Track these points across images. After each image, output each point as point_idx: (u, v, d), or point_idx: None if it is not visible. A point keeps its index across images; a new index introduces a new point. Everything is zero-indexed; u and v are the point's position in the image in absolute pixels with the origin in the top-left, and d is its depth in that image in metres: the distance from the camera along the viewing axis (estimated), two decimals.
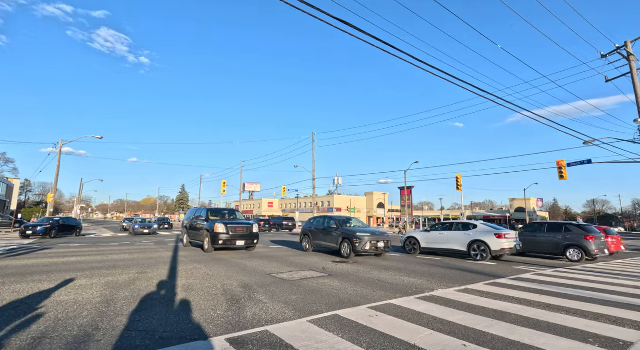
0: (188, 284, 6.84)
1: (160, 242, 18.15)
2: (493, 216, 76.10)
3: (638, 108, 16.49)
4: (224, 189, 43.45)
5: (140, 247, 15.32)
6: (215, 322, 4.39)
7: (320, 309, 5.14)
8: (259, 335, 3.91)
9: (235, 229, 12.67)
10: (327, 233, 13.13)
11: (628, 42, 16.69)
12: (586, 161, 20.35)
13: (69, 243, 17.30)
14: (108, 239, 20.72)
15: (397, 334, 4.03)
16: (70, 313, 4.69)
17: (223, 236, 12.36)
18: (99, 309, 4.90)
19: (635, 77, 16.63)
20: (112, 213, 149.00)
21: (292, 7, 6.14)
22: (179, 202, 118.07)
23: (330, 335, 3.93)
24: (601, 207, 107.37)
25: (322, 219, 14.24)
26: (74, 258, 10.89)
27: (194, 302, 5.38)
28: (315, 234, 13.89)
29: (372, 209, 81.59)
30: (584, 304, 5.75)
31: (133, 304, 5.25)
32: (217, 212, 14.59)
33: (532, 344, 3.77)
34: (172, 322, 4.37)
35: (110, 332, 3.95)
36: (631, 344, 3.84)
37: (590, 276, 8.97)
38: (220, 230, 12.42)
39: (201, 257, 11.66)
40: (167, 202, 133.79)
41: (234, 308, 5.08)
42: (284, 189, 44.51)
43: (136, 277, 7.61)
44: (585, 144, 17.95)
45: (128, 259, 10.87)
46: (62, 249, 13.86)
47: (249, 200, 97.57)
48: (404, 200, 50.57)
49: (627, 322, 4.68)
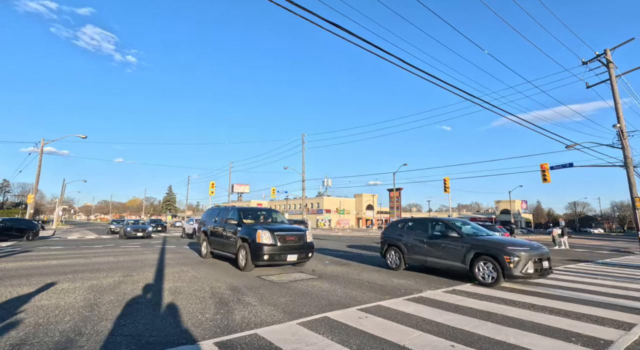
0: (175, 287, 6.72)
1: (146, 244, 17.78)
2: (479, 218, 77.53)
3: (617, 113, 17.12)
4: (212, 190, 42.93)
5: (126, 249, 14.97)
6: (204, 325, 4.32)
7: (310, 311, 5.13)
8: (248, 338, 3.87)
9: (285, 238, 9.04)
10: (438, 245, 8.71)
11: (607, 50, 17.32)
12: (568, 164, 20.98)
13: (50, 245, 16.77)
14: (91, 241, 20.17)
15: (387, 335, 4.05)
16: (51, 318, 4.54)
17: (269, 248, 8.69)
18: (82, 314, 4.76)
19: (614, 84, 17.26)
20: (96, 214, 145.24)
21: (282, 8, 6.14)
22: (165, 203, 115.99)
23: (320, 338, 3.92)
24: (582, 209, 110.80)
25: (423, 224, 9.60)
26: (56, 261, 10.56)
27: (181, 306, 5.28)
28: (413, 246, 9.37)
29: (361, 211, 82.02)
30: (566, 303, 5.91)
31: (118, 308, 5.13)
32: (252, 212, 11.09)
33: (518, 343, 3.85)
34: (158, 326, 4.28)
35: (94, 337, 3.84)
36: (611, 342, 3.96)
37: (571, 276, 9.22)
38: (265, 239, 8.75)
39: (189, 259, 11.47)
40: (153, 203, 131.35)
41: (222, 311, 5.02)
42: (273, 191, 44.28)
43: (121, 280, 7.43)
44: (567, 148, 18.51)
45: (113, 261, 10.61)
46: (43, 252, 13.42)
47: (237, 201, 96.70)
48: (393, 202, 51.04)
49: (607, 321, 4.84)
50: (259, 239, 8.76)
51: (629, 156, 16.80)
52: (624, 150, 16.86)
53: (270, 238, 8.83)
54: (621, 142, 17.09)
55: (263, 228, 9.04)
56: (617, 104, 17.11)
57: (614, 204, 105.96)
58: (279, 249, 8.85)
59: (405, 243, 9.66)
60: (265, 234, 8.82)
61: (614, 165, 18.00)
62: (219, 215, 11.39)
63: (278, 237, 8.93)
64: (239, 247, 9.38)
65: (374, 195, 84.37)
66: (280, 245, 8.87)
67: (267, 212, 11.47)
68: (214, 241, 11.18)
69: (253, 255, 8.75)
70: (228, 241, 10.14)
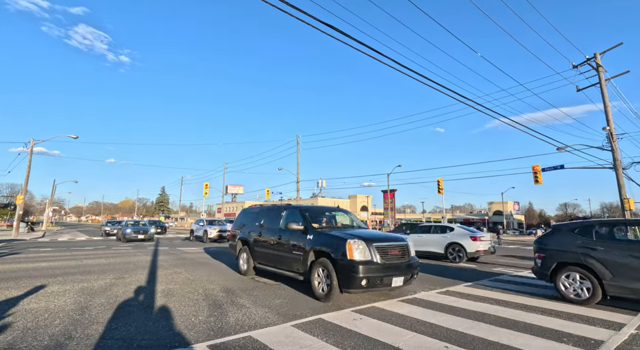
0: (168, 289, 6.65)
1: (138, 246, 17.57)
2: (472, 219, 78.25)
3: (606, 116, 17.44)
4: (206, 191, 42.63)
5: (118, 251, 14.77)
6: (197, 328, 4.28)
7: (304, 313, 5.11)
8: (242, 341, 3.84)
9: (387, 253, 6.08)
10: None
11: (597, 54, 17.65)
12: (559, 166, 21.30)
13: (40, 248, 16.47)
14: (82, 243, 19.86)
15: (381, 337, 4.05)
16: (40, 321, 4.45)
17: (368, 268, 5.67)
18: (72, 317, 4.68)
19: (604, 88, 17.58)
20: (87, 216, 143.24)
21: (277, 9, 6.13)
22: (158, 204, 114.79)
23: (314, 340, 3.91)
24: (572, 211, 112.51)
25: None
26: (45, 263, 10.37)
27: (174, 308, 5.22)
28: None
29: (355, 212, 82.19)
30: (557, 304, 5.98)
31: (109, 311, 5.05)
32: (316, 213, 7.82)
33: (511, 344, 3.88)
34: (151, 329, 4.23)
35: (85, 341, 3.77)
36: (602, 342, 4.02)
37: None
38: (359, 254, 5.78)
39: (182, 260, 11.36)
40: (146, 204, 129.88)
41: (216, 313, 4.97)
42: (267, 192, 44.13)
43: (113, 282, 7.33)
44: (558, 150, 18.79)
45: (104, 263, 10.45)
46: (33, 254, 13.18)
47: (231, 202, 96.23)
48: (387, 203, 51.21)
49: (598, 321, 4.91)
50: (350, 253, 5.69)
51: (618, 158, 17.11)
52: (614, 152, 17.16)
53: (367, 252, 5.79)
54: (611, 145, 17.39)
55: (352, 236, 6.01)
56: (607, 107, 17.43)
57: (604, 206, 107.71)
58: (382, 268, 5.78)
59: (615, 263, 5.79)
60: (359, 246, 5.79)
61: (603, 167, 18.31)
62: (265, 218, 8.43)
63: (377, 250, 5.91)
64: (312, 265, 6.36)
65: (368, 197, 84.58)
66: (382, 262, 5.83)
67: (334, 212, 8.24)
68: (260, 253, 8.15)
69: (344, 279, 5.65)
70: (289, 255, 7.05)
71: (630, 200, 16.85)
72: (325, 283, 6.04)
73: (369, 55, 7.60)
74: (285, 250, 7.24)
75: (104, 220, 54.99)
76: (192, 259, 11.83)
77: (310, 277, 6.37)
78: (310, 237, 6.64)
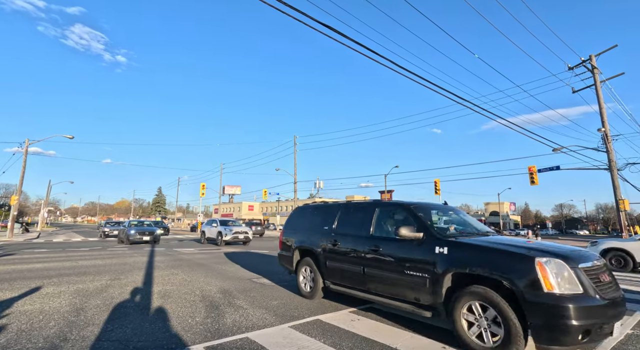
0: (165, 291, 6.60)
1: (134, 247, 17.46)
2: None
3: (601, 118, 17.59)
4: (203, 191, 42.47)
5: (114, 252, 14.67)
6: (194, 329, 4.25)
7: (302, 314, 5.10)
8: (239, 342, 3.82)
9: (599, 279, 3.59)
10: None
11: (592, 56, 17.80)
12: (555, 167, 21.46)
13: (34, 249, 16.33)
14: (78, 244, 19.71)
15: (379, 337, 4.05)
16: (35, 323, 4.40)
17: (586, 310, 3.19)
18: (67, 319, 4.63)
19: (599, 89, 17.73)
20: (83, 216, 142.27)
21: (276, 10, 6.13)
22: (155, 205, 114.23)
23: (312, 341, 3.90)
24: (568, 211, 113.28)
25: None
26: (40, 264, 10.28)
27: (170, 310, 5.19)
28: None
29: None
30: None
31: (105, 312, 5.01)
32: (429, 214, 5.08)
33: None
34: (147, 331, 4.19)
35: (80, 342, 3.74)
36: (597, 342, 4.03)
37: None
38: (563, 285, 3.30)
39: (178, 261, 11.30)
40: (142, 205, 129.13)
41: (213, 315, 4.95)
42: (264, 192, 44.07)
43: (109, 283, 7.27)
44: (554, 151, 18.93)
45: (100, 264, 10.37)
46: (27, 255, 13.06)
47: (228, 203, 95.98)
48: None
49: None
50: (547, 283, 3.29)
51: (613, 159, 17.24)
52: (609, 153, 17.30)
53: (574, 280, 3.36)
54: (606, 146, 17.53)
55: (530, 251, 3.59)
56: (602, 109, 17.57)
57: (599, 206, 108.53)
58: (603, 308, 3.33)
59: None
60: (560, 270, 3.39)
61: (598, 168, 18.45)
62: (342, 219, 5.94)
63: (589, 276, 3.50)
64: (455, 297, 3.85)
65: (365, 197, 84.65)
66: (600, 298, 3.36)
67: (442, 211, 5.60)
68: (337, 270, 5.68)
69: (541, 327, 3.24)
70: (399, 276, 4.52)
71: (625, 201, 17.00)
72: (489, 330, 3.56)
73: (365, 55, 7.62)
74: (390, 268, 4.70)
75: (102, 220, 51.35)
76: (187, 260, 11.76)
77: (454, 315, 3.81)
78: (442, 250, 4.14)
